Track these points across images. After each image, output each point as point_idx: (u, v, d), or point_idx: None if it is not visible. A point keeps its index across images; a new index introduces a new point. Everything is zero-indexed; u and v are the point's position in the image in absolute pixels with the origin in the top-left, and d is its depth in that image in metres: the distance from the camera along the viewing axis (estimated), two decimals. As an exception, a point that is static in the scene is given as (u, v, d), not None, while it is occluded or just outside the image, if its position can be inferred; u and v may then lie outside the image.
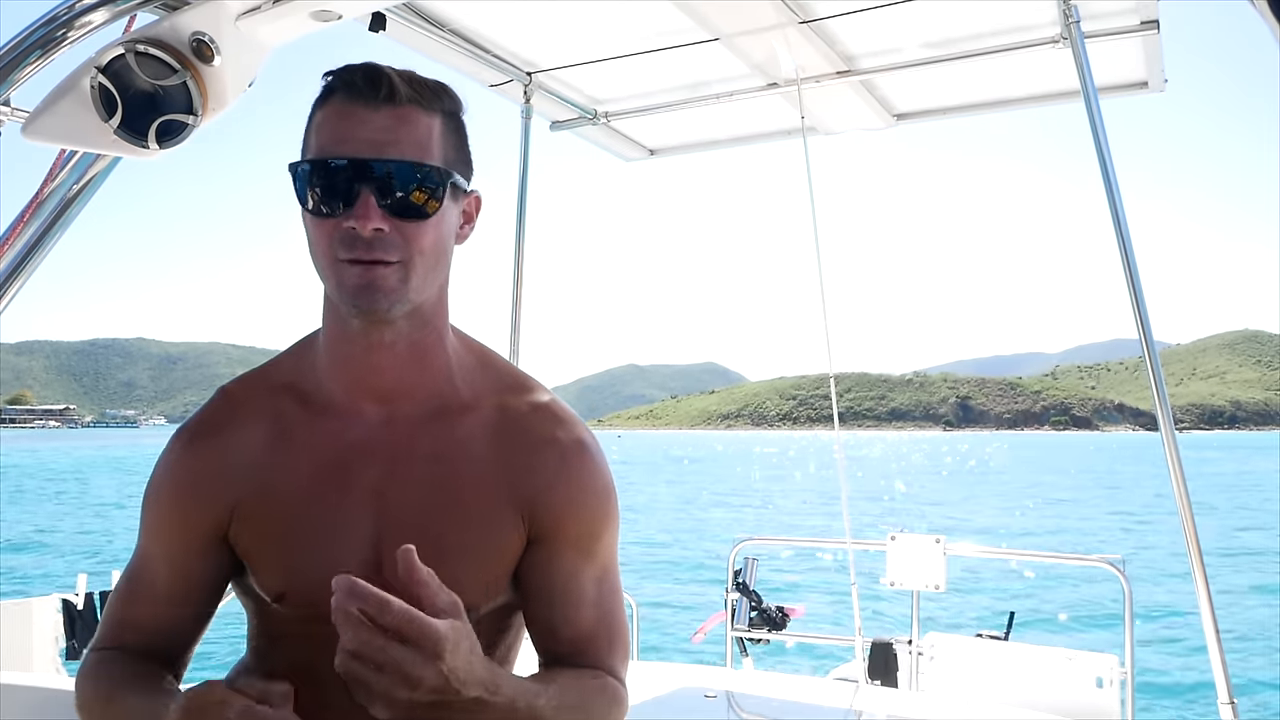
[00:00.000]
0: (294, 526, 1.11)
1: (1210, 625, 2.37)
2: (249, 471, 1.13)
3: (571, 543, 1.16)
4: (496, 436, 1.16)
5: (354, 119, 1.04)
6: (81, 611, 4.08)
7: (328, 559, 1.10)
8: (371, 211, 1.02)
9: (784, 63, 2.84)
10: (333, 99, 1.06)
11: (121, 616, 1.18)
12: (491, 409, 1.17)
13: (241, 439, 1.15)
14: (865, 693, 2.61)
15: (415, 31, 2.58)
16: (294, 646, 1.15)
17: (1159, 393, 2.49)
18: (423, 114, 1.07)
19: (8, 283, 1.86)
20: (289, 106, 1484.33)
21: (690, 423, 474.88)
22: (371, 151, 1.03)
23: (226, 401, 1.19)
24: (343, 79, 1.06)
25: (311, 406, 1.16)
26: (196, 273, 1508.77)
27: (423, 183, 1.04)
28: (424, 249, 1.06)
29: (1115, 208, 2.49)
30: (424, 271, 1.07)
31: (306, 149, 1.08)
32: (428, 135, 1.06)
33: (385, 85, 1.04)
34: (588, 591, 1.18)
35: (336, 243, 1.04)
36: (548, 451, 1.16)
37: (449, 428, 1.15)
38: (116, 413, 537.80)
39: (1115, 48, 2.68)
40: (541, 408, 1.19)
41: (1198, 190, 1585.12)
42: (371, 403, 1.15)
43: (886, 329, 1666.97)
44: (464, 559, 1.12)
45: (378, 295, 1.04)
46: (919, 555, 4.03)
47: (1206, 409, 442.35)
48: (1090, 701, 3.52)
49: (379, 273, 1.04)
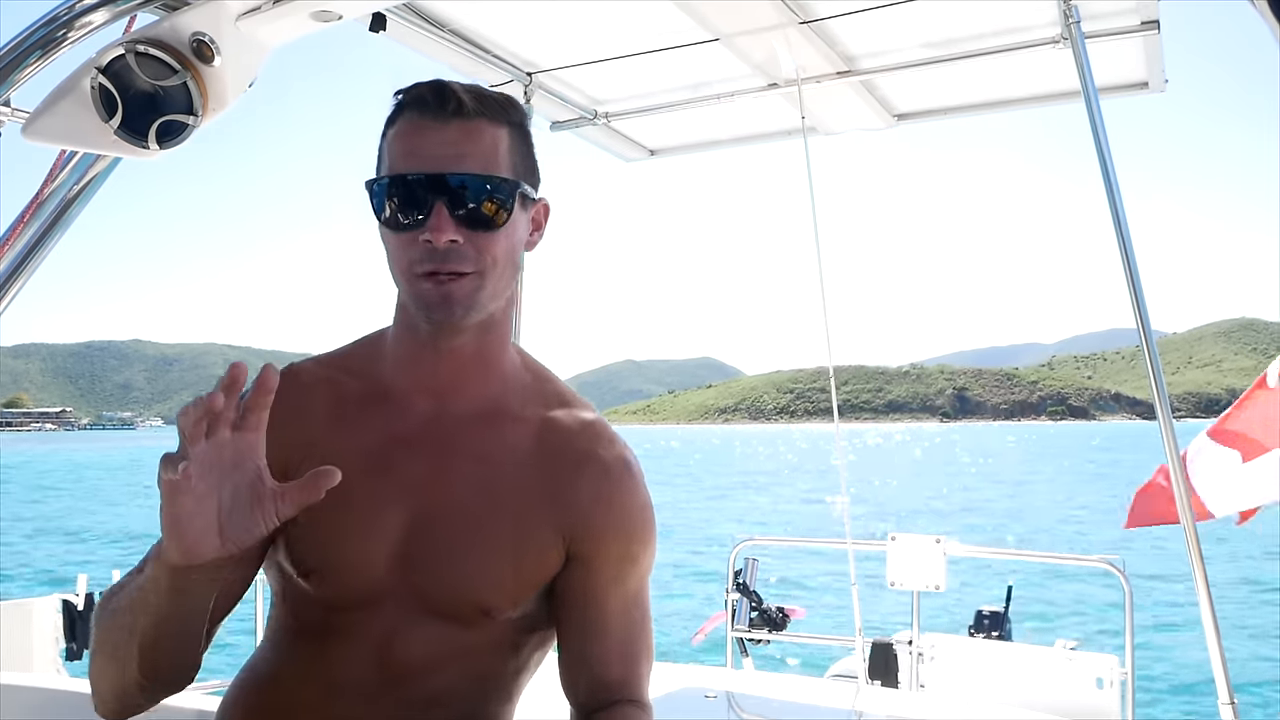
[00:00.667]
0: (331, 505, 1.12)
1: (1210, 624, 2.37)
2: (299, 443, 1.16)
3: (611, 563, 1.18)
4: (541, 447, 1.18)
5: (424, 134, 1.08)
6: (81, 612, 4.08)
7: (359, 543, 1.13)
8: (445, 224, 1.05)
9: (784, 63, 2.84)
10: (403, 116, 1.10)
11: None
12: (538, 420, 1.20)
13: (297, 412, 1.17)
14: (865, 693, 2.61)
15: (415, 32, 2.58)
16: (312, 637, 1.16)
17: (1159, 391, 2.49)
18: (490, 126, 1.10)
19: (8, 283, 1.86)
20: (287, 106, 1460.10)
21: (687, 417, 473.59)
22: (442, 165, 1.06)
23: (289, 377, 1.21)
24: (412, 96, 1.10)
25: (368, 394, 1.19)
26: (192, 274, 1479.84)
27: (493, 194, 1.08)
28: (497, 258, 1.10)
29: (1115, 208, 2.49)
30: (496, 280, 1.11)
31: (380, 166, 1.12)
32: (495, 147, 1.09)
33: (453, 100, 1.08)
34: (620, 612, 1.20)
35: (413, 257, 1.08)
36: (591, 468, 1.19)
37: (497, 432, 1.18)
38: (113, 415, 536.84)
39: (1115, 48, 2.68)
40: (588, 425, 1.22)
41: (1194, 182, 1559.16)
42: (424, 398, 1.17)
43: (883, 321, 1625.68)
44: (499, 559, 1.14)
45: (454, 308, 1.08)
46: (919, 555, 4.03)
47: (1202, 397, 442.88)
48: (1090, 701, 3.52)
49: (455, 286, 1.08)
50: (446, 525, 1.14)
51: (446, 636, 1.15)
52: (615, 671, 1.19)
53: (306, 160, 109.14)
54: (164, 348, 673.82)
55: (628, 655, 1.20)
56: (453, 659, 1.16)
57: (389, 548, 1.13)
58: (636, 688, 1.20)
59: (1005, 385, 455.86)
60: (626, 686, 1.19)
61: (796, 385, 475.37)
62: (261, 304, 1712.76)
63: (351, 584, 1.14)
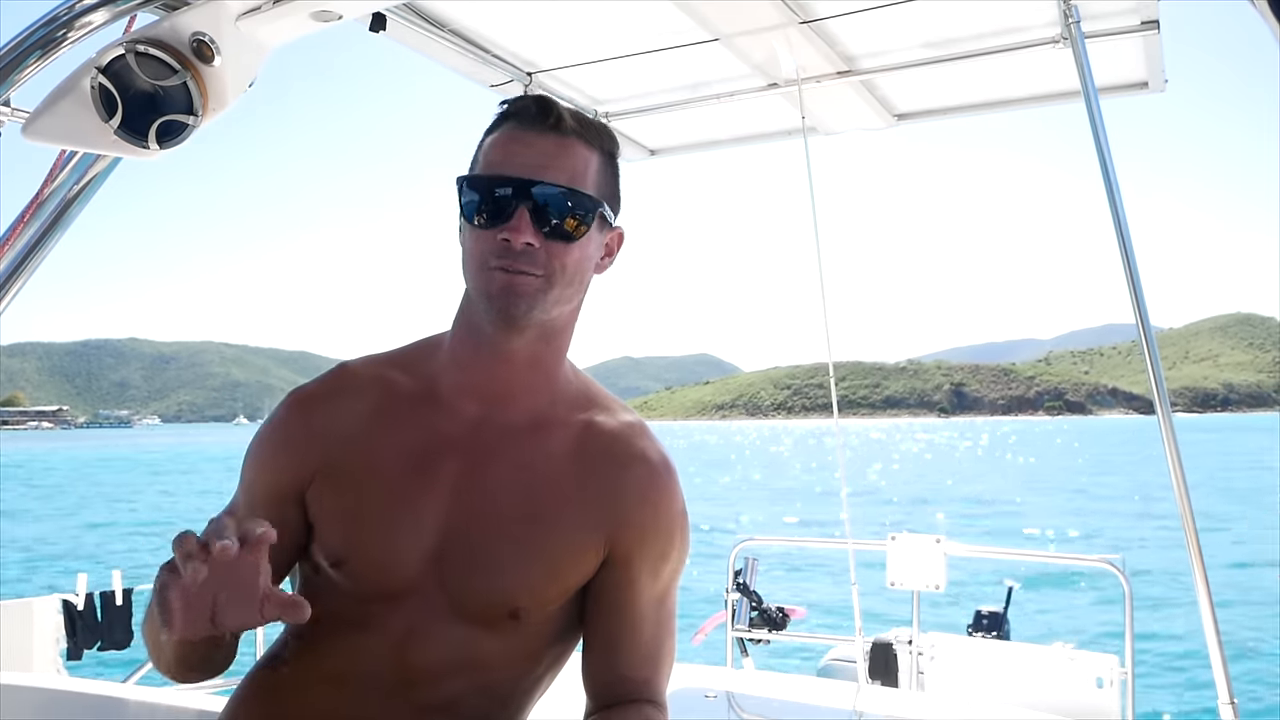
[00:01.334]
0: (368, 499, 1.17)
1: (1210, 624, 2.37)
2: (343, 440, 1.19)
3: (649, 562, 1.21)
4: (583, 450, 1.21)
5: (521, 142, 1.14)
6: (82, 611, 4.08)
7: (392, 538, 1.15)
8: (525, 227, 1.10)
9: (784, 63, 2.84)
10: (505, 125, 1.16)
11: None
12: (581, 424, 1.23)
13: (344, 409, 1.21)
14: (865, 693, 2.61)
15: (415, 32, 2.57)
16: (332, 629, 1.17)
17: (1159, 391, 2.49)
18: (583, 146, 1.16)
19: (8, 283, 1.86)
20: (287, 105, 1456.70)
21: (685, 413, 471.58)
22: (533, 173, 1.12)
23: (341, 374, 1.26)
24: (516, 107, 1.17)
25: (418, 394, 1.21)
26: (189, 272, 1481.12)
27: (575, 208, 1.13)
28: (566, 267, 1.14)
29: (1115, 208, 2.49)
30: (563, 288, 1.15)
31: (473, 168, 1.17)
32: (585, 166, 1.15)
33: (554, 114, 1.14)
34: (649, 612, 1.22)
35: (489, 252, 1.12)
36: (636, 469, 1.21)
37: (541, 440, 1.20)
38: (110, 413, 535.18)
39: (1115, 48, 2.68)
40: (629, 426, 1.25)
41: (1193, 178, 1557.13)
42: (473, 402, 1.20)
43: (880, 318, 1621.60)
44: (528, 566, 1.16)
45: (519, 299, 1.11)
46: (919, 555, 4.03)
47: (1199, 392, 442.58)
48: (1090, 701, 3.52)
49: (521, 281, 1.11)
50: (482, 530, 1.16)
51: (466, 640, 1.16)
52: (640, 671, 1.21)
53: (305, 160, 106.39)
54: (161, 346, 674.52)
55: (653, 656, 1.22)
56: (468, 666, 1.17)
57: (423, 546, 1.15)
58: (657, 689, 1.22)
59: (1003, 381, 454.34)
60: (648, 687, 1.21)
61: (794, 381, 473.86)
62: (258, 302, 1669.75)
63: (380, 578, 1.16)
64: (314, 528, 1.20)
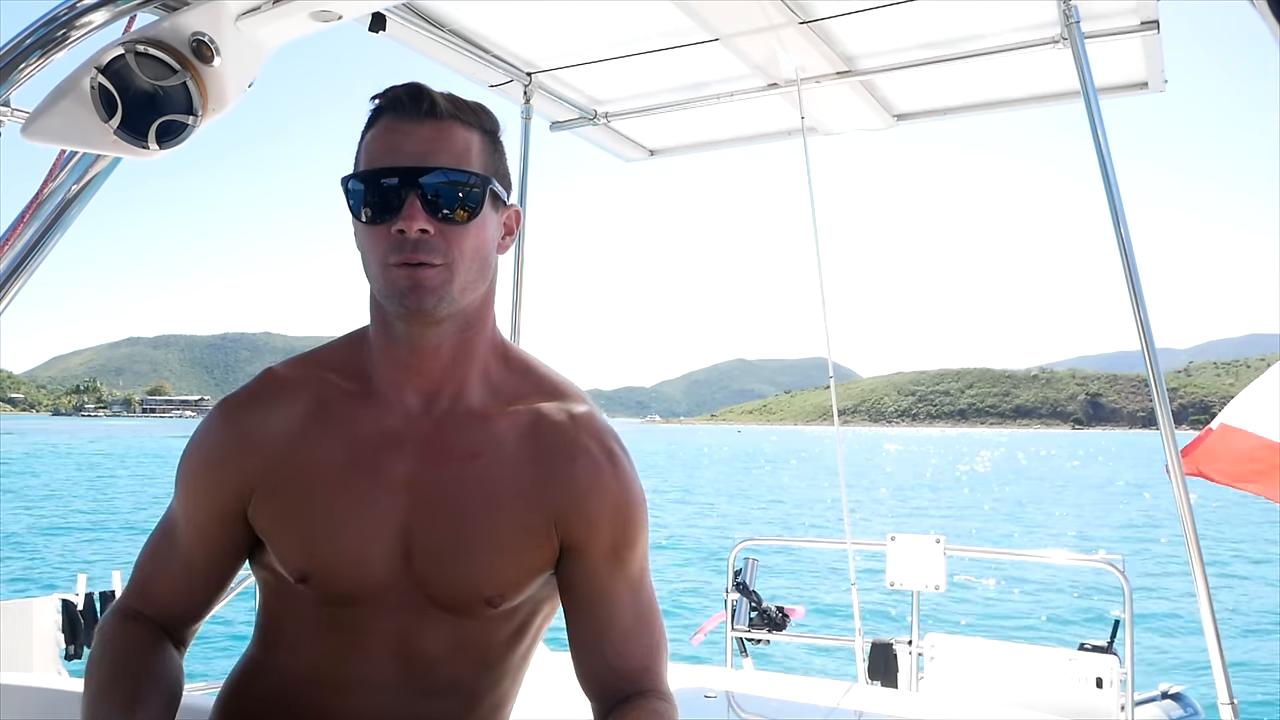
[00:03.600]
0: (320, 506, 1.15)
1: (1210, 625, 2.37)
2: (281, 448, 1.17)
3: (606, 553, 1.19)
4: (532, 441, 1.19)
5: (400, 133, 1.11)
6: (82, 611, 4.08)
7: (355, 544, 1.14)
8: (417, 214, 1.08)
9: (784, 63, 2.84)
10: (381, 119, 1.14)
11: (143, 576, 1.23)
12: (528, 414, 1.21)
13: (279, 416, 1.19)
14: (865, 693, 2.61)
15: (415, 32, 2.58)
16: (311, 633, 1.17)
17: (1160, 395, 2.49)
18: (462, 129, 1.14)
19: (8, 283, 1.86)
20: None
21: (805, 418, 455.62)
22: (415, 160, 1.10)
23: (271, 380, 1.24)
24: (388, 99, 1.14)
25: (354, 393, 1.20)
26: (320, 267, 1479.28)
27: (463, 187, 1.11)
28: (465, 252, 1.12)
29: (1115, 208, 2.49)
30: (467, 274, 1.13)
31: (357, 165, 1.15)
32: (467, 148, 1.13)
33: (427, 101, 1.12)
34: (625, 599, 1.20)
35: (386, 249, 1.10)
36: (581, 460, 1.19)
37: (487, 428, 1.19)
38: None
39: (1115, 48, 2.68)
40: (577, 417, 1.22)
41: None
42: (412, 395, 1.18)
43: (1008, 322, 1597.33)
44: (494, 555, 1.15)
45: (425, 294, 1.10)
46: (919, 555, 4.02)
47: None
48: (1090, 701, 3.52)
49: (425, 273, 1.09)
50: (444, 523, 1.14)
51: (457, 628, 1.16)
52: (633, 661, 1.19)
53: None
54: (292, 340, 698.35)
55: (643, 645, 1.21)
56: (465, 649, 1.18)
57: (387, 547, 1.14)
58: (656, 678, 1.20)
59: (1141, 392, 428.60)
60: (647, 676, 1.20)
61: (918, 387, 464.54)
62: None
63: (351, 585, 1.14)
64: (266, 542, 1.18)
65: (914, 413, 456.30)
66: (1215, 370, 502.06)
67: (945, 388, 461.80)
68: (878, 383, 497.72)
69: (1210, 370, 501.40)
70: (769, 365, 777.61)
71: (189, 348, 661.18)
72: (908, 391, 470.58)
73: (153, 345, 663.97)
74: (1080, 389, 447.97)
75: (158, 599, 1.21)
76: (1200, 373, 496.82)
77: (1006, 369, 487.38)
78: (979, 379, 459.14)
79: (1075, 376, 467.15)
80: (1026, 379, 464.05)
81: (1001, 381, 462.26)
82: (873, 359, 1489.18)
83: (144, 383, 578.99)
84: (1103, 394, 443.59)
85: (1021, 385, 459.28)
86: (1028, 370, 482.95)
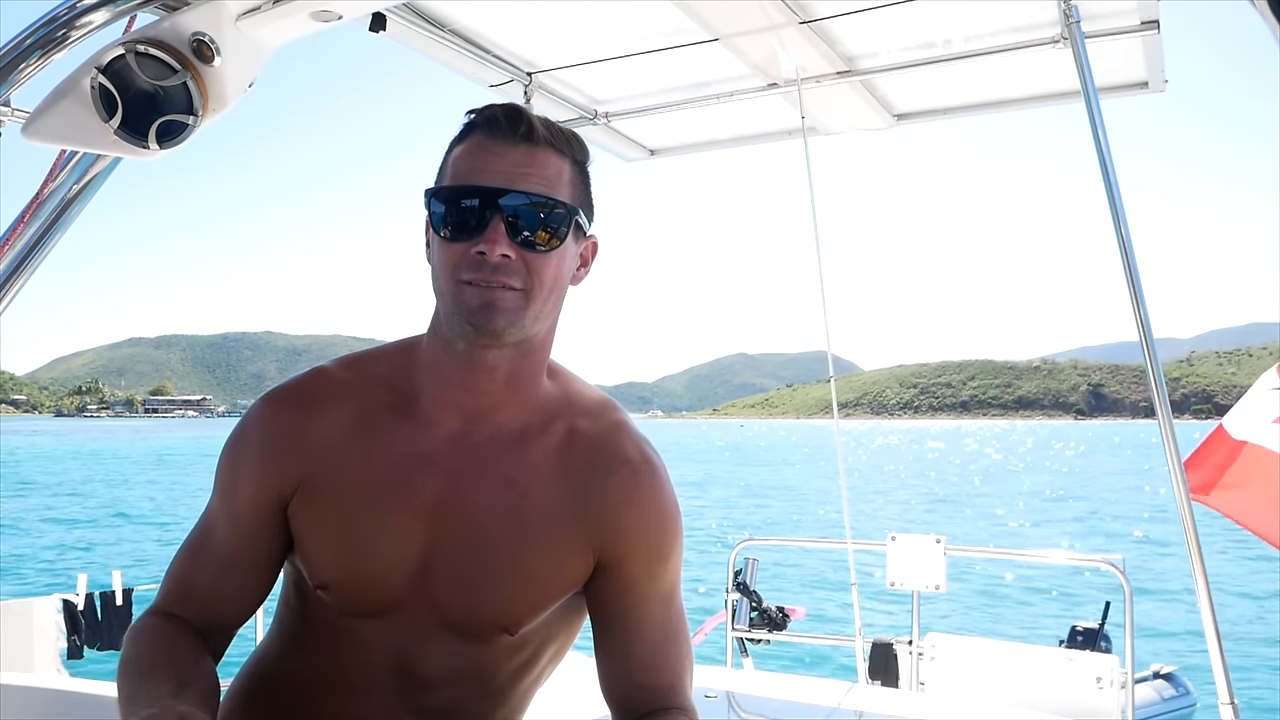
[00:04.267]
0: (350, 521, 1.14)
1: (1210, 625, 2.37)
2: (324, 452, 1.16)
3: (641, 567, 1.18)
4: (566, 459, 1.18)
5: (492, 153, 1.10)
6: (82, 611, 4.08)
7: (378, 562, 1.13)
8: (500, 238, 1.07)
9: (784, 63, 2.84)
10: (473, 135, 1.12)
11: (179, 576, 1.20)
12: (563, 432, 1.19)
13: (324, 417, 1.17)
14: (865, 693, 2.61)
15: (415, 32, 2.57)
16: (328, 639, 1.17)
17: (1159, 392, 2.49)
18: (555, 156, 1.12)
19: (8, 283, 1.86)
20: (415, 86, 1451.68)
21: (807, 411, 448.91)
22: (505, 183, 1.08)
23: (319, 378, 1.22)
24: (484, 116, 1.12)
25: (397, 407, 1.18)
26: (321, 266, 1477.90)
27: (549, 217, 1.09)
28: (545, 280, 1.10)
29: (1115, 207, 2.49)
30: (542, 303, 1.11)
31: (442, 178, 1.13)
32: (558, 175, 1.12)
33: (524, 124, 1.10)
34: (656, 614, 1.20)
35: (461, 265, 1.08)
36: (620, 472, 1.18)
37: (522, 453, 1.17)
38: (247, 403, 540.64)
39: (1115, 48, 2.68)
40: (612, 429, 1.22)
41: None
42: (453, 417, 1.17)
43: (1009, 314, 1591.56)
44: (516, 584, 1.14)
45: (497, 315, 1.08)
46: (919, 555, 4.02)
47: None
48: (1090, 702, 3.52)
49: (500, 294, 1.08)
50: (468, 549, 1.13)
51: (462, 652, 1.16)
52: (660, 677, 1.18)
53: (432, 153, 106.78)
54: (294, 339, 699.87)
55: (670, 659, 1.20)
56: (467, 675, 1.17)
57: (407, 565, 1.13)
58: (682, 694, 1.20)
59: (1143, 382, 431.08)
60: (673, 694, 1.19)
61: (920, 380, 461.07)
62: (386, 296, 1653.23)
63: (366, 599, 1.14)
64: (296, 542, 1.18)
65: (916, 405, 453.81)
66: (1217, 360, 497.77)
67: (947, 380, 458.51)
68: (880, 375, 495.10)
69: (1212, 359, 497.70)
70: (770, 359, 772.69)
71: (190, 347, 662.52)
72: (910, 384, 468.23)
73: (154, 345, 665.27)
74: (1082, 380, 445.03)
75: (194, 603, 1.18)
76: (1202, 362, 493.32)
77: (1008, 360, 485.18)
78: (981, 370, 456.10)
79: (1077, 367, 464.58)
80: (1028, 370, 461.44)
81: (1003, 373, 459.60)
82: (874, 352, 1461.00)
83: (146, 383, 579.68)
84: (1105, 384, 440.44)
85: (1024, 376, 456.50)
86: (1029, 361, 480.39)
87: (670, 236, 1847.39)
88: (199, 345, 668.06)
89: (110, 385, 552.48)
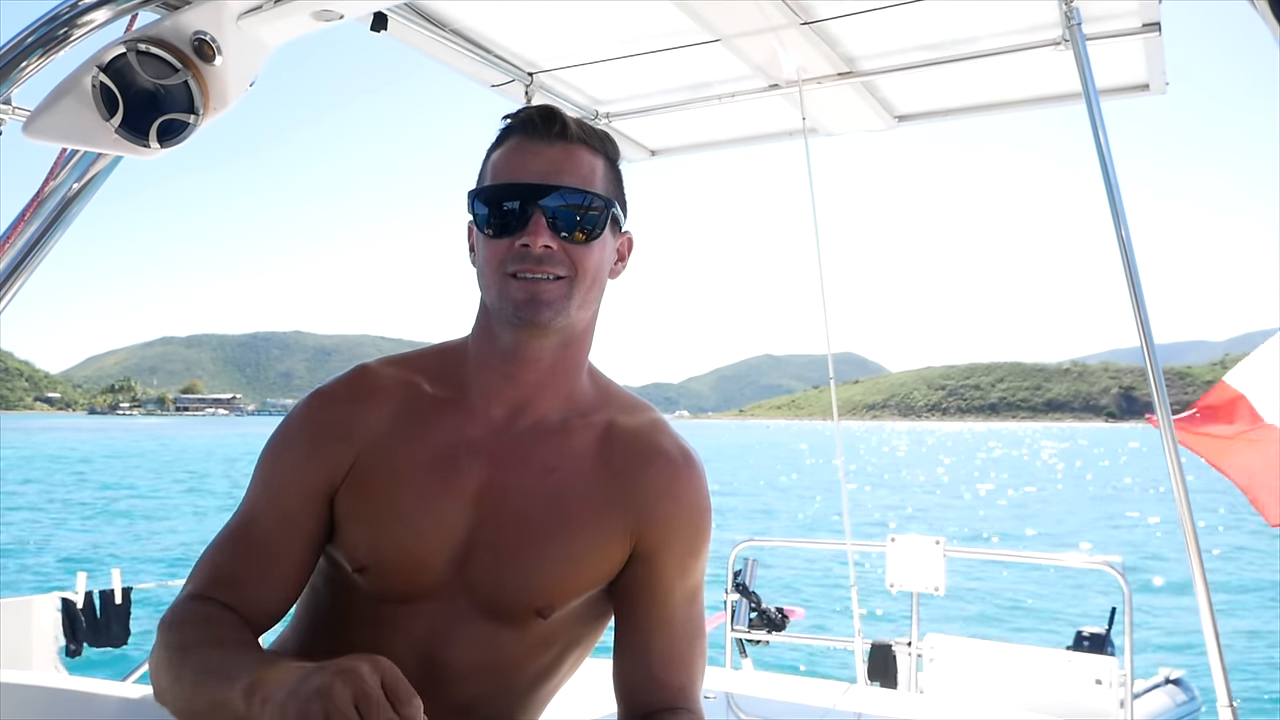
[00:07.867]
0: (394, 505, 1.17)
1: (1210, 627, 2.37)
2: (371, 438, 1.19)
3: (674, 558, 1.21)
4: (607, 449, 1.22)
5: (529, 153, 1.16)
6: (82, 610, 4.08)
7: (416, 544, 1.16)
8: (542, 230, 1.13)
9: (785, 64, 2.84)
10: (510, 138, 1.18)
11: (219, 563, 1.18)
12: (603, 424, 1.24)
13: (372, 409, 1.21)
14: (865, 693, 2.61)
15: (417, 31, 2.57)
16: (356, 627, 1.19)
17: (1159, 394, 2.49)
18: (589, 152, 1.19)
19: (8, 282, 1.86)
20: (443, 87, 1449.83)
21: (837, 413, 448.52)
22: (544, 180, 1.14)
23: (366, 375, 1.26)
24: (520, 119, 1.19)
25: (441, 400, 1.22)
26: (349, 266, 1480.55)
27: (588, 208, 1.16)
28: (588, 268, 1.16)
29: (1116, 208, 2.49)
30: (585, 292, 1.17)
31: (483, 180, 1.18)
32: (592, 170, 1.18)
33: (559, 123, 1.17)
34: (679, 611, 1.22)
35: (507, 259, 1.14)
36: (658, 463, 1.23)
37: (564, 442, 1.21)
38: (276, 402, 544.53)
39: (1116, 50, 2.68)
40: (651, 423, 1.27)
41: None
42: (499, 408, 1.21)
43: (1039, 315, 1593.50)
44: (554, 566, 1.17)
45: (542, 307, 1.13)
46: (919, 557, 4.03)
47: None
48: (1090, 702, 3.52)
49: (544, 286, 1.13)
50: (509, 532, 1.16)
51: (490, 640, 1.17)
52: (674, 675, 1.20)
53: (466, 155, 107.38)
54: (322, 339, 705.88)
55: (686, 660, 1.22)
56: (492, 668, 1.19)
57: (449, 548, 1.16)
58: (692, 697, 1.21)
59: (1177, 385, 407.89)
60: (684, 695, 1.20)
61: (948, 381, 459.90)
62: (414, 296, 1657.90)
63: (402, 583, 1.16)
64: (339, 526, 1.19)
65: (944, 407, 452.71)
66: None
67: (975, 381, 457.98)
68: (907, 377, 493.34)
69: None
70: (796, 360, 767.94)
71: (221, 346, 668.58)
72: (937, 385, 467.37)
73: (185, 344, 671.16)
74: (1113, 382, 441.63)
75: (235, 592, 1.16)
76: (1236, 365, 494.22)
77: (1038, 362, 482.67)
78: (1010, 373, 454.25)
79: (1108, 370, 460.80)
80: (1058, 372, 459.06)
81: (1033, 375, 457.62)
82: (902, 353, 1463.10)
83: (177, 381, 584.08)
84: (1136, 387, 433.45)
85: (1053, 379, 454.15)
86: (1059, 364, 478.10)
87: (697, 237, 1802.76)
88: (229, 344, 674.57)
89: (142, 383, 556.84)
